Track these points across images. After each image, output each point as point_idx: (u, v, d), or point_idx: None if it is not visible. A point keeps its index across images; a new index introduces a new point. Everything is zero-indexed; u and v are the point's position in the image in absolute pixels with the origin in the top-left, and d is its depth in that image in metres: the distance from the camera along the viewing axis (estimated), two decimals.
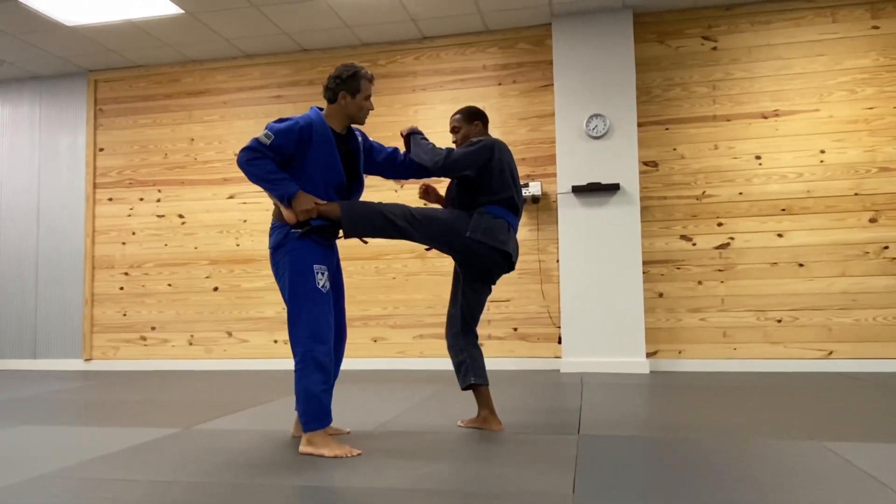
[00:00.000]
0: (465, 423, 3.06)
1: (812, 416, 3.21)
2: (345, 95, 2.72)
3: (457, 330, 2.98)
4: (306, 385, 2.55)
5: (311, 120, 2.67)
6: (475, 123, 3.08)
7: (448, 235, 2.80)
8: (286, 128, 2.61)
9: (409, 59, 5.68)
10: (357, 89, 2.72)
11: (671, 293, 5.10)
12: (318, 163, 2.67)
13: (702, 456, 2.47)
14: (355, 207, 2.71)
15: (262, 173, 2.58)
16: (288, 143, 2.61)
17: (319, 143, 2.67)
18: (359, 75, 2.73)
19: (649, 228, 5.14)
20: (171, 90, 6.13)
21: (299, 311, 2.58)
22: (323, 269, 2.64)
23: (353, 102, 2.74)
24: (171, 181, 6.06)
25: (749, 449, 2.56)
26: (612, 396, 3.85)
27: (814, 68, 5.01)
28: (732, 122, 5.10)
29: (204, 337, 5.90)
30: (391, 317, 5.56)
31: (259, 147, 2.58)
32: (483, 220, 2.82)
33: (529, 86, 5.45)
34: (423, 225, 2.77)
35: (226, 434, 3.02)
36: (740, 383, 4.32)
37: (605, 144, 5.06)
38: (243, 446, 2.76)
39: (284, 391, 4.29)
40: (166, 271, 6.01)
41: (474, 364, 2.92)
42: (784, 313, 4.93)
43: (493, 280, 2.98)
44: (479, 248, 2.80)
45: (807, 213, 4.95)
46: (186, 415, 3.51)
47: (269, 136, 2.58)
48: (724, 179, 5.08)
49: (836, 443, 2.61)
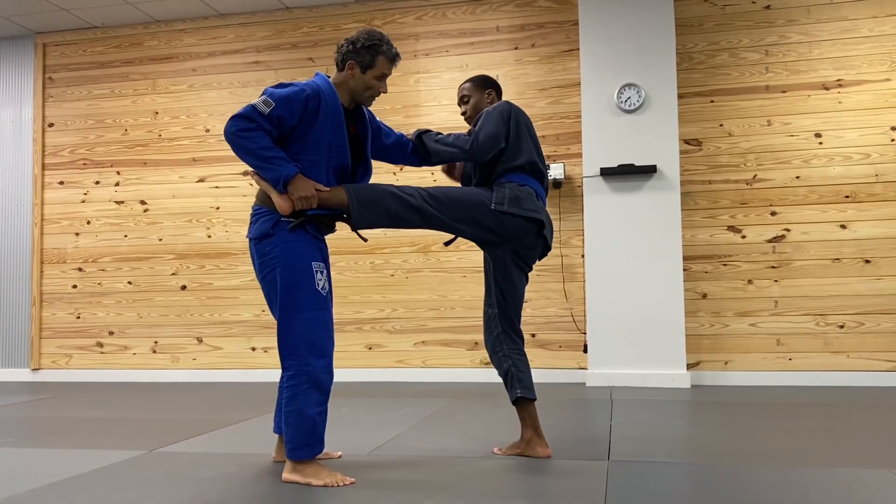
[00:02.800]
0: (503, 451, 2.97)
1: (881, 438, 3.20)
2: (353, 66, 2.64)
3: (497, 333, 2.98)
4: (300, 406, 2.49)
5: (320, 88, 2.58)
6: (488, 92, 3.08)
7: (474, 213, 2.75)
8: (290, 94, 2.51)
9: (409, 19, 5.65)
10: (370, 64, 2.64)
11: (716, 294, 5.08)
12: (322, 141, 2.58)
13: (751, 487, 2.46)
14: (364, 191, 2.65)
15: (255, 149, 2.48)
16: (291, 114, 2.51)
17: (326, 118, 2.57)
18: (378, 49, 2.64)
19: (691, 218, 5.12)
20: (132, 55, 6.12)
21: (294, 317, 2.51)
22: (321, 268, 2.58)
23: (361, 78, 2.65)
24: (131, 161, 6.06)
25: (807, 478, 2.55)
26: (648, 415, 3.84)
27: (883, 30, 4.97)
28: (788, 94, 5.07)
29: (170, 343, 5.91)
30: (389, 320, 5.56)
31: (254, 116, 2.47)
32: (506, 190, 2.81)
33: (551, 51, 5.42)
34: (444, 205, 2.72)
35: (196, 458, 3.01)
36: (796, 400, 4.31)
37: (639, 119, 5.03)
38: (215, 472, 2.75)
39: (264, 407, 4.29)
40: (126, 267, 6.02)
41: (520, 373, 2.91)
42: (847, 318, 4.91)
43: (531, 262, 2.99)
44: (510, 221, 2.77)
45: (874, 201, 4.92)
46: (150, 435, 3.50)
47: (268, 104, 2.48)
48: (779, 161, 5.05)
49: None
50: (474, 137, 2.80)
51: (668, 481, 2.56)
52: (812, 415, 3.81)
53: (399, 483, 2.56)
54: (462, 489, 2.48)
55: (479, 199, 2.78)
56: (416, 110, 5.58)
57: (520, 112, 2.95)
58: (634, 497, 2.35)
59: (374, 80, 2.66)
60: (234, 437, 3.48)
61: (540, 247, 2.95)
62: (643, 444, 3.16)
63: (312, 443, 2.53)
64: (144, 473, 2.75)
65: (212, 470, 2.79)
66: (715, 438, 3.30)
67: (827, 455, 2.90)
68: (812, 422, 3.63)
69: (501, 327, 2.98)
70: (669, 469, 2.73)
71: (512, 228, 2.79)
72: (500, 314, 2.98)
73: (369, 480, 2.59)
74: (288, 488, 2.51)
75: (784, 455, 2.91)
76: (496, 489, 2.49)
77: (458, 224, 2.76)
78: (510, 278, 2.96)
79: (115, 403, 4.64)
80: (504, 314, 2.98)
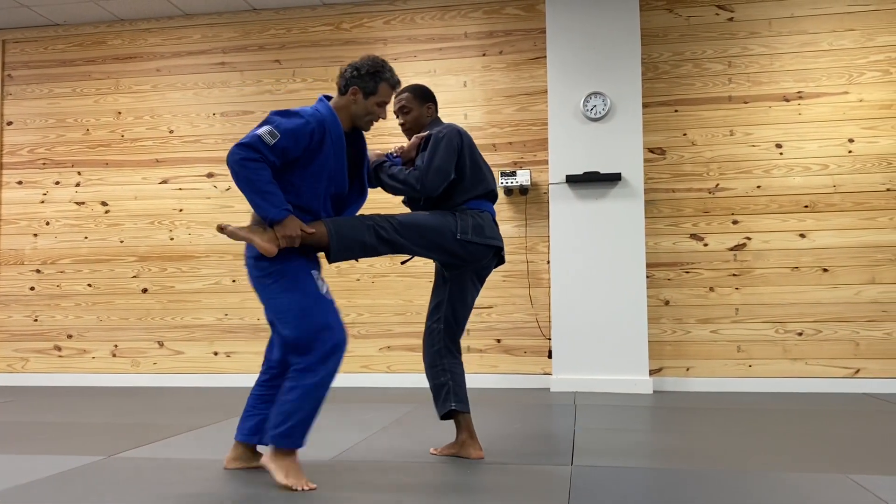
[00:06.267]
0: (439, 451, 3.08)
1: (837, 444, 3.26)
2: (356, 91, 2.72)
3: (440, 347, 3.04)
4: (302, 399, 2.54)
5: (324, 119, 2.64)
6: (428, 105, 3.13)
7: (440, 240, 2.87)
8: (296, 128, 2.55)
9: (377, 24, 5.65)
10: (373, 91, 2.72)
11: (679, 301, 5.15)
12: (322, 171, 2.64)
13: (712, 491, 2.49)
14: (342, 227, 2.70)
15: (256, 181, 2.51)
16: (296, 146, 2.56)
17: (329, 148, 2.63)
18: (380, 76, 2.73)
19: (654, 226, 5.18)
20: (95, 54, 6.02)
21: (302, 322, 2.56)
22: (318, 275, 2.66)
23: (363, 103, 2.73)
24: (92, 162, 5.96)
25: (766, 483, 2.59)
26: (611, 420, 3.87)
27: (842, 44, 5.09)
28: (750, 104, 5.16)
29: (130, 347, 5.81)
30: (354, 325, 5.53)
31: (259, 146, 2.50)
32: (469, 218, 2.92)
33: (518, 58, 5.45)
34: (413, 234, 2.83)
35: (156, 463, 2.97)
36: (756, 405, 4.37)
37: (604, 128, 5.08)
38: (176, 478, 2.71)
39: (226, 412, 4.24)
40: (86, 269, 5.91)
41: (457, 387, 2.98)
42: (806, 325, 5.01)
43: (485, 278, 3.12)
44: (473, 248, 2.91)
45: (832, 211, 5.03)
46: (108, 440, 3.45)
47: (273, 135, 2.51)
48: (741, 170, 5.14)
49: (865, 476, 2.66)
50: (423, 174, 2.87)
51: (630, 486, 2.58)
52: (771, 421, 3.88)
53: (362, 487, 2.55)
54: (425, 494, 2.48)
55: (445, 226, 2.88)
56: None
57: (468, 138, 3.03)
58: (597, 501, 2.36)
59: (375, 106, 2.74)
60: (194, 442, 3.43)
61: (494, 265, 3.10)
62: (606, 449, 3.18)
63: (300, 435, 2.56)
64: (102, 480, 2.71)
65: (172, 476, 2.75)
66: (677, 444, 3.33)
67: (786, 460, 2.95)
68: (771, 427, 3.68)
69: (444, 342, 3.05)
70: (632, 474, 2.75)
71: (475, 254, 2.93)
72: (446, 329, 3.06)
73: (332, 485, 2.57)
74: (246, 494, 2.48)
75: (744, 460, 2.96)
76: (460, 494, 2.49)
77: (425, 251, 2.90)
78: (464, 296, 3.07)
79: (73, 408, 4.56)
80: (450, 330, 3.07)
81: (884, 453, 3.07)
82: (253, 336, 5.62)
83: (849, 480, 2.59)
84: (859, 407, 4.30)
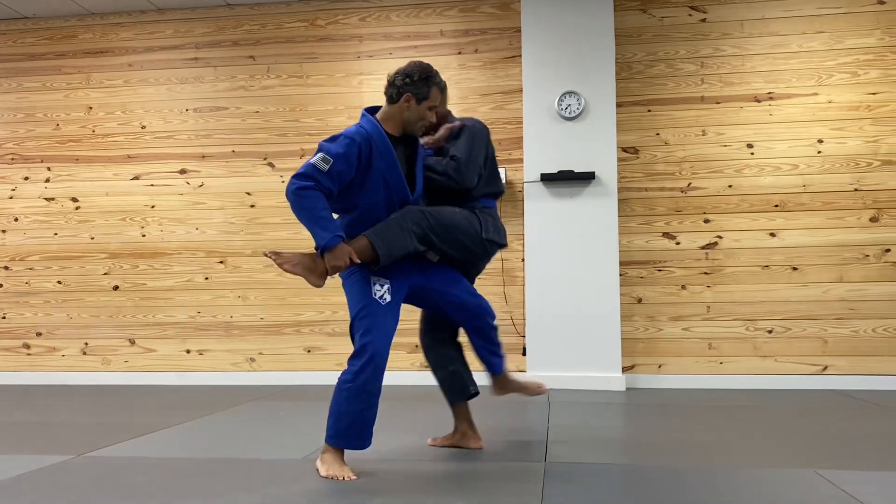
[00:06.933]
0: (437, 442, 3.17)
1: (805, 439, 3.31)
2: (409, 98, 2.79)
3: (444, 336, 3.17)
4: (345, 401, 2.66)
5: (369, 134, 2.72)
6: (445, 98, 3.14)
7: (466, 240, 2.92)
8: (345, 149, 2.64)
9: (353, 20, 5.62)
10: (425, 95, 2.80)
11: (651, 299, 5.19)
12: (379, 184, 2.73)
13: (683, 487, 2.52)
14: (386, 237, 2.74)
15: (311, 209, 2.61)
16: (349, 167, 2.66)
17: (379, 162, 2.72)
18: (431, 80, 2.82)
19: (628, 224, 5.22)
20: (66, 48, 5.93)
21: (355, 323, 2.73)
22: (383, 282, 2.76)
23: (416, 109, 2.80)
24: (63, 157, 5.87)
25: (737, 478, 2.62)
26: (584, 417, 3.90)
27: (812, 46, 5.16)
28: (722, 105, 5.21)
29: (101, 345, 5.74)
30: (329, 323, 5.51)
31: (314, 174, 2.60)
32: (488, 217, 3.02)
33: (494, 56, 5.46)
34: (444, 233, 2.85)
35: (126, 463, 2.94)
36: (727, 402, 4.43)
37: (579, 126, 5.11)
38: (146, 478, 2.69)
39: (199, 410, 4.21)
40: (56, 266, 5.83)
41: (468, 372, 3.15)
42: (775, 323, 5.08)
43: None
44: (489, 246, 3.02)
45: (802, 211, 5.10)
46: (78, 439, 3.41)
47: (326, 161, 2.61)
48: (713, 170, 5.19)
49: (832, 471, 2.70)
50: (462, 166, 2.91)
51: (603, 481, 2.61)
52: (742, 417, 3.93)
53: (335, 487, 2.54)
54: (399, 491, 2.48)
55: (472, 227, 2.93)
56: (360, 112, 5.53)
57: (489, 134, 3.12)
58: (571, 498, 2.38)
59: (426, 110, 2.83)
60: (166, 441, 3.40)
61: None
62: (579, 445, 3.21)
63: (348, 435, 2.68)
64: (72, 479, 2.67)
65: (142, 475, 2.73)
66: (649, 440, 3.37)
67: (756, 455, 2.99)
68: (742, 423, 3.73)
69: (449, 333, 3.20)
70: (605, 470, 2.78)
71: (489, 253, 3.07)
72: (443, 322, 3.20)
73: (305, 484, 2.56)
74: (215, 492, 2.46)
75: (715, 456, 2.99)
76: (433, 491, 2.49)
77: (448, 248, 2.91)
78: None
79: (43, 407, 4.50)
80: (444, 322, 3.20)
81: (850, 448, 3.13)
82: (225, 334, 5.58)
83: (816, 475, 2.63)
84: (827, 403, 4.37)
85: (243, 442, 3.37)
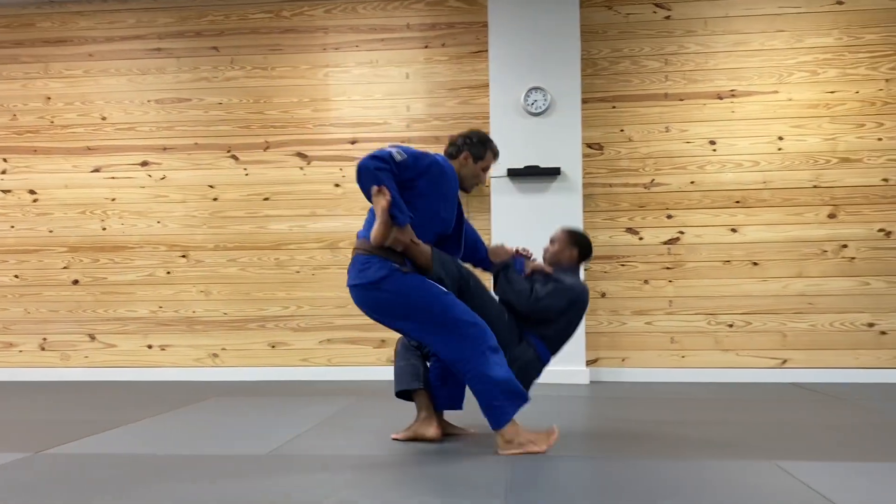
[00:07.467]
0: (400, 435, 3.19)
1: (765, 432, 3.37)
2: (468, 156, 3.13)
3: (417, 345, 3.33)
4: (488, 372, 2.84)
5: (445, 164, 3.02)
6: (573, 251, 3.42)
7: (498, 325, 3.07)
8: (418, 153, 2.93)
9: (318, 12, 5.57)
10: (481, 156, 3.15)
11: (615, 293, 5.24)
12: (438, 203, 2.98)
13: (646, 478, 2.55)
14: (444, 259, 2.98)
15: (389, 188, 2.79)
16: (415, 167, 2.90)
17: (447, 188, 3.00)
18: (489, 145, 3.18)
19: (592, 220, 5.26)
20: (23, 37, 5.79)
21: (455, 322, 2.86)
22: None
23: (472, 167, 3.14)
24: (20, 148, 5.74)
25: (697, 470, 2.66)
26: (548, 410, 3.92)
27: (773, 45, 5.24)
28: (685, 101, 5.27)
29: (60, 340, 5.63)
30: (293, 318, 5.47)
31: (388, 158, 2.82)
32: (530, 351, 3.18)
33: (461, 51, 5.45)
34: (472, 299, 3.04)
35: (86, 460, 2.90)
36: (688, 395, 4.49)
37: (545, 122, 5.13)
38: (107, 474, 2.65)
39: (161, 406, 4.15)
40: (12, 259, 5.70)
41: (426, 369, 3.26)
42: (736, 317, 5.16)
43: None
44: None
45: (762, 207, 5.19)
46: (36, 436, 3.35)
47: (401, 154, 2.85)
48: (676, 166, 5.25)
49: (791, 462, 2.75)
50: (536, 302, 3.11)
51: (568, 473, 2.63)
52: (703, 409, 3.99)
53: (295, 483, 2.53)
54: (364, 487, 2.47)
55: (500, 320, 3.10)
56: (326, 104, 5.51)
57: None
58: (536, 488, 2.39)
59: (480, 170, 3.17)
60: (126, 437, 3.35)
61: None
62: None
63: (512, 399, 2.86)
64: (28, 477, 2.62)
65: (102, 472, 2.68)
66: (612, 432, 3.40)
67: (717, 448, 3.04)
68: (703, 416, 3.79)
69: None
70: (570, 462, 2.80)
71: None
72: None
73: (268, 480, 2.54)
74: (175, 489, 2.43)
75: (676, 448, 3.03)
76: (399, 485, 2.49)
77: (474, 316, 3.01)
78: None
79: None
80: None
81: (808, 440, 3.19)
82: (188, 329, 5.51)
83: (775, 467, 2.68)
84: (786, 396, 4.46)
85: (207, 438, 3.33)
